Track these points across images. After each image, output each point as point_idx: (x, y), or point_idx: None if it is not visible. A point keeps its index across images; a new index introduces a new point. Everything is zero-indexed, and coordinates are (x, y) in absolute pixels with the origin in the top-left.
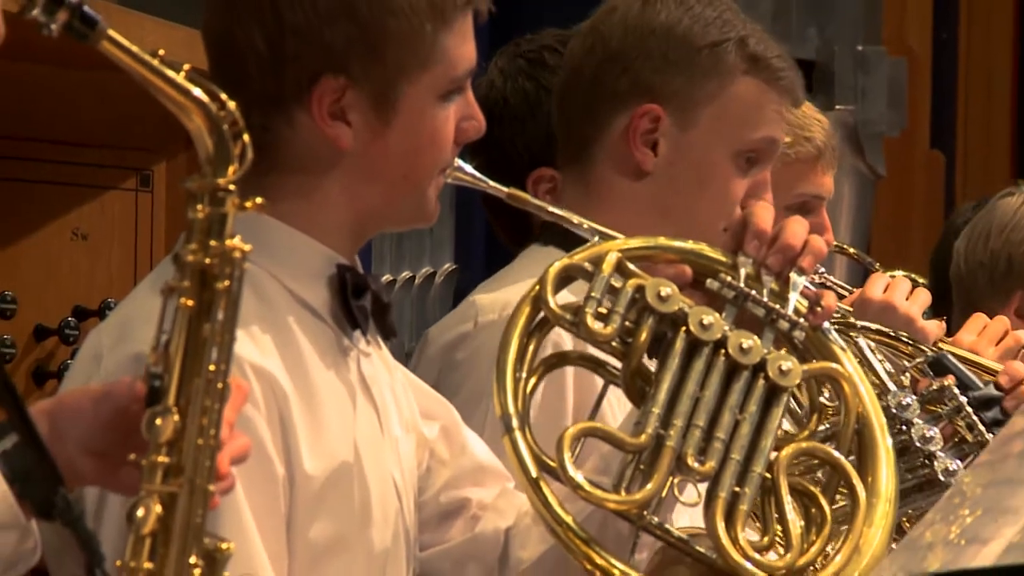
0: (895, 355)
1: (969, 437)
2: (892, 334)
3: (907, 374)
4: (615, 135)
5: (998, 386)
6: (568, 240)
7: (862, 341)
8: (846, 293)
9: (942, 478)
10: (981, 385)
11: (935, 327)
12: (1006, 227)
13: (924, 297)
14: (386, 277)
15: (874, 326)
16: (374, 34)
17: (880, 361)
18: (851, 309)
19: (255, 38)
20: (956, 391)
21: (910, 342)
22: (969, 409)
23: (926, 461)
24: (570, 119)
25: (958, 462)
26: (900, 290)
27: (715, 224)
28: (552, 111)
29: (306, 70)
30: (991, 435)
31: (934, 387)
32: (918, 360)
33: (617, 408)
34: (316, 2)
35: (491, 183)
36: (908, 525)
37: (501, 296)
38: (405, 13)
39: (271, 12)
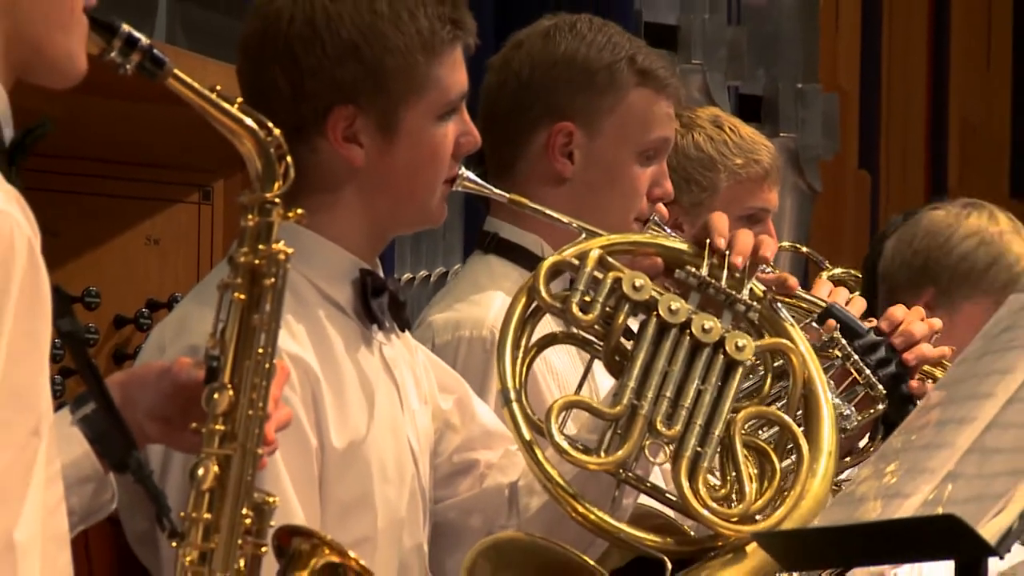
0: (798, 315)
1: (860, 379)
2: (794, 295)
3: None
4: (535, 151)
5: (878, 331)
6: (504, 248)
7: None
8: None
9: (837, 421)
10: (866, 333)
11: (860, 300)
12: (929, 234)
13: (860, 304)
14: (406, 275)
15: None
16: (376, 70)
17: None
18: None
19: (278, 79)
20: (843, 340)
21: (810, 298)
22: (856, 356)
23: (846, 420)
24: (494, 143)
25: (850, 407)
26: (840, 296)
27: (627, 214)
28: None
29: (321, 103)
30: (877, 377)
31: (824, 337)
32: (813, 315)
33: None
34: (326, 46)
35: (495, 190)
36: None
37: (452, 317)
38: (401, 51)
39: (289, 57)
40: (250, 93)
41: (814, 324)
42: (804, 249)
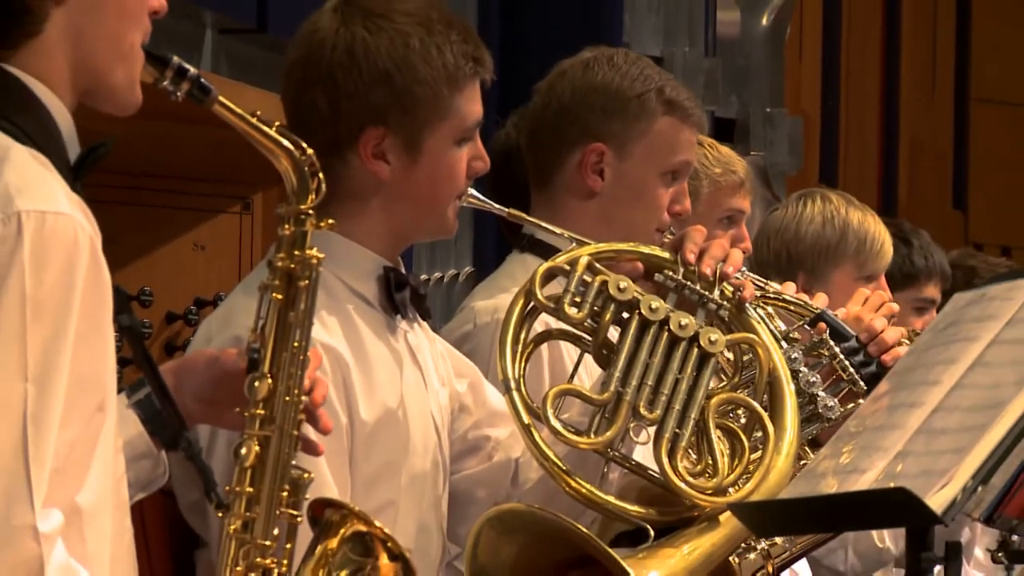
0: (792, 318)
1: (844, 377)
2: (789, 299)
3: (795, 333)
4: (571, 167)
5: (858, 339)
6: (540, 247)
7: (760, 311)
8: (762, 283)
9: (822, 412)
10: (851, 337)
11: (824, 300)
12: (778, 233)
13: (823, 297)
14: (423, 276)
15: (786, 296)
16: (405, 97)
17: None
18: (763, 282)
19: (318, 100)
20: (831, 341)
21: (802, 303)
22: (842, 356)
23: (811, 399)
24: (537, 157)
25: (834, 400)
26: (820, 298)
27: (649, 227)
28: (524, 151)
29: (355, 123)
30: (859, 375)
31: (815, 339)
32: (806, 319)
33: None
34: (363, 73)
35: (495, 205)
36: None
37: (492, 303)
38: (428, 82)
39: (330, 81)
40: (292, 112)
41: (806, 327)
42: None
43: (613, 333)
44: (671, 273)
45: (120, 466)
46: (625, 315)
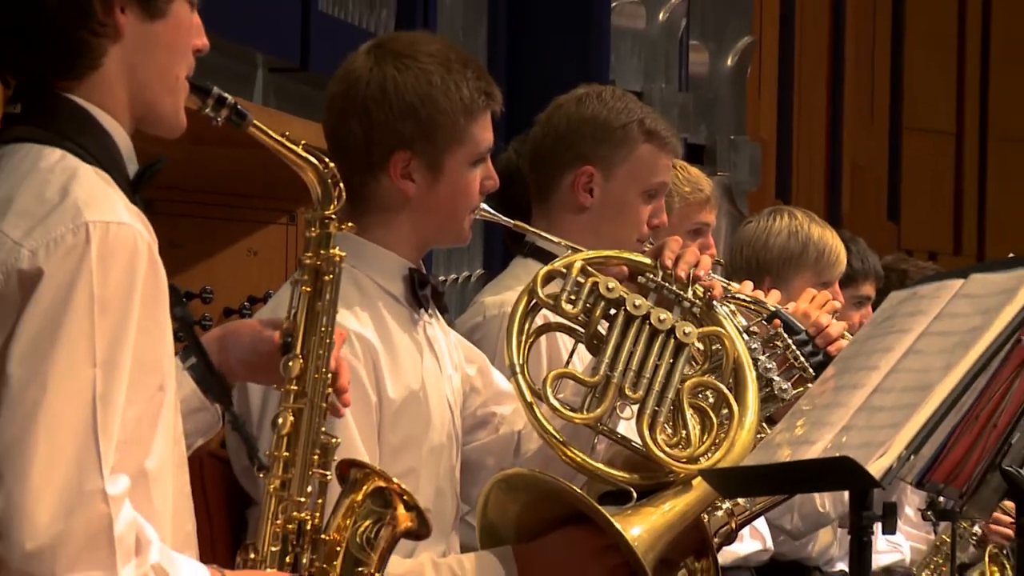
0: (752, 314)
1: (796, 364)
2: (748, 298)
3: (754, 327)
4: (565, 186)
5: (807, 332)
6: (539, 253)
7: (725, 308)
8: (726, 284)
9: (777, 393)
10: (802, 331)
11: (777, 298)
12: (749, 243)
13: (776, 294)
14: (441, 277)
15: (740, 295)
16: (428, 126)
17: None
18: (728, 283)
19: (354, 128)
20: (784, 334)
21: (760, 302)
22: (794, 346)
23: (768, 383)
24: (537, 177)
25: (788, 383)
26: (773, 295)
27: (631, 237)
28: (526, 172)
29: (386, 148)
30: (808, 363)
31: (771, 332)
32: (764, 315)
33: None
34: (392, 106)
35: (503, 218)
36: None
37: (499, 299)
38: (447, 113)
39: (364, 113)
40: (332, 139)
41: (764, 322)
42: (723, 261)
43: (602, 326)
44: (651, 276)
45: (178, 429)
46: (613, 311)
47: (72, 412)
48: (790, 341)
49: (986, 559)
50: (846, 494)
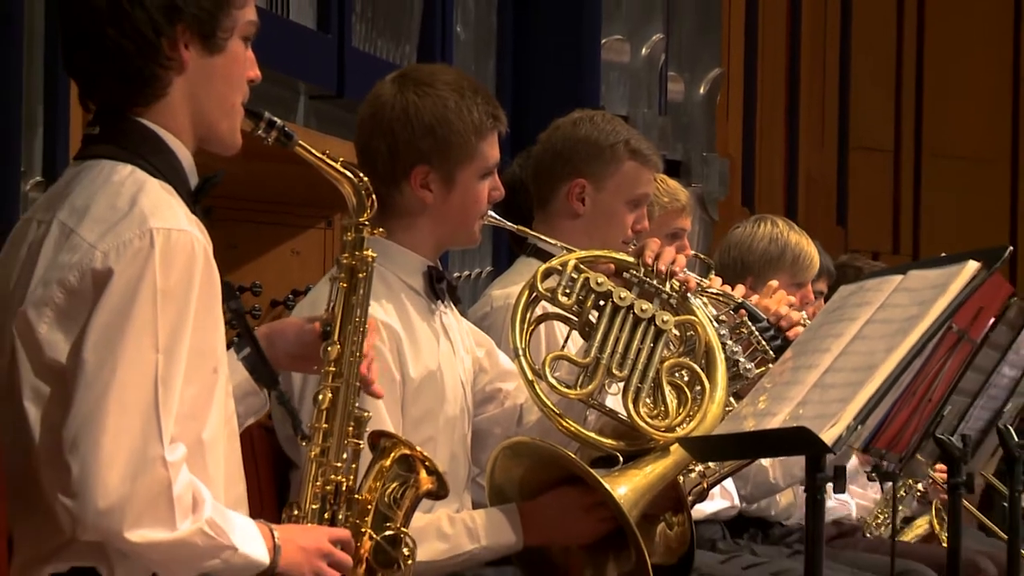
0: (720, 305)
1: (759, 348)
2: (717, 291)
3: (723, 316)
4: (561, 196)
5: (768, 321)
6: (539, 253)
7: (698, 300)
8: (699, 280)
9: (743, 373)
10: (764, 319)
11: (742, 291)
12: (735, 246)
13: (741, 288)
14: (455, 274)
15: (710, 288)
16: (444, 144)
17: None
18: (699, 279)
19: (380, 146)
20: (749, 322)
21: (726, 296)
22: (757, 332)
23: (735, 364)
24: (538, 188)
25: (752, 364)
26: (739, 289)
27: (618, 239)
28: (528, 184)
29: (408, 163)
30: (770, 346)
31: (737, 320)
32: (731, 306)
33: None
34: (413, 127)
35: (508, 223)
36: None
37: (504, 292)
38: (461, 133)
39: (390, 133)
40: (362, 155)
41: (731, 311)
42: (702, 256)
43: (593, 315)
44: (635, 272)
45: (230, 406)
46: (602, 302)
47: (137, 391)
48: (753, 328)
49: (932, 512)
50: (795, 467)
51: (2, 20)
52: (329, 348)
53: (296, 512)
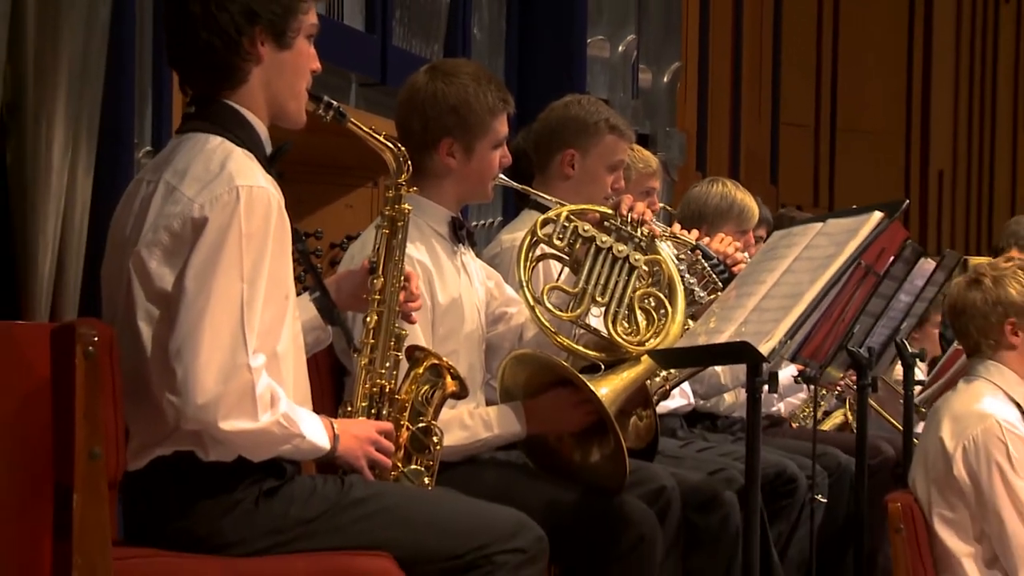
0: (680, 247)
1: (710, 280)
2: (678, 236)
3: (682, 255)
4: (556, 163)
5: (718, 258)
6: (538, 207)
7: (663, 244)
8: (663, 227)
9: (698, 300)
10: (714, 257)
11: (696, 235)
12: (694, 200)
13: (696, 233)
14: (472, 223)
15: (673, 235)
16: (465, 121)
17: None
18: (664, 227)
19: (414, 123)
20: (703, 260)
21: (684, 240)
22: (708, 268)
23: (691, 293)
24: (537, 157)
25: (704, 293)
26: (693, 234)
27: (600, 196)
28: (530, 153)
29: (437, 136)
30: (719, 280)
31: (693, 259)
32: (688, 247)
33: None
34: (442, 109)
35: (514, 183)
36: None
37: (511, 237)
38: (478, 113)
39: (421, 111)
40: (400, 129)
41: (688, 251)
42: (669, 207)
43: (580, 255)
44: (613, 221)
45: (297, 328)
46: (587, 245)
47: (227, 312)
48: (706, 265)
49: (845, 407)
50: (740, 372)
51: (118, 23)
52: (375, 280)
53: (349, 409)
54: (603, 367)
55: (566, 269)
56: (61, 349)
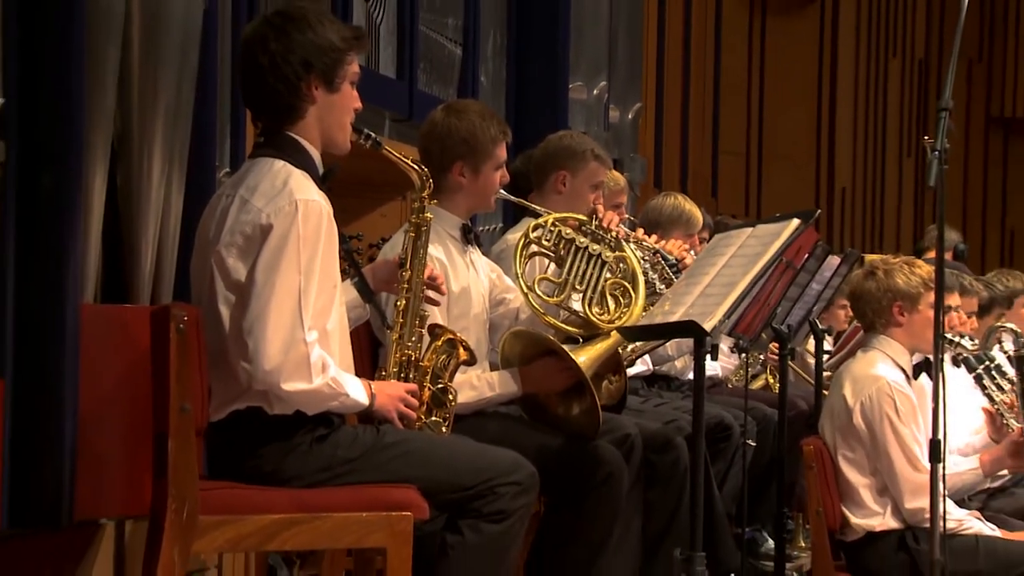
0: (643, 248)
1: (665, 275)
2: (642, 240)
3: (645, 256)
4: (550, 182)
5: (673, 258)
6: (532, 216)
7: (629, 245)
8: (629, 232)
9: (657, 291)
10: (671, 259)
11: (655, 239)
12: (653, 210)
13: (654, 237)
14: (480, 228)
15: (637, 239)
16: (473, 150)
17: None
18: (630, 232)
19: (435, 150)
20: (660, 259)
21: (644, 243)
22: (665, 265)
23: (651, 284)
24: (536, 177)
25: (662, 284)
26: (652, 239)
27: (582, 209)
28: (528, 175)
29: (450, 160)
30: (673, 274)
31: (654, 260)
32: (653, 251)
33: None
34: (454, 138)
35: (511, 196)
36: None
37: (511, 237)
38: (484, 143)
39: (439, 142)
40: (423, 155)
41: (649, 252)
42: (632, 218)
43: (563, 253)
44: (590, 226)
45: (343, 311)
46: (569, 245)
47: (288, 298)
48: (663, 263)
49: (767, 371)
50: (683, 344)
51: (204, 71)
52: (403, 273)
53: (383, 374)
54: (581, 340)
55: (552, 264)
56: (159, 326)
